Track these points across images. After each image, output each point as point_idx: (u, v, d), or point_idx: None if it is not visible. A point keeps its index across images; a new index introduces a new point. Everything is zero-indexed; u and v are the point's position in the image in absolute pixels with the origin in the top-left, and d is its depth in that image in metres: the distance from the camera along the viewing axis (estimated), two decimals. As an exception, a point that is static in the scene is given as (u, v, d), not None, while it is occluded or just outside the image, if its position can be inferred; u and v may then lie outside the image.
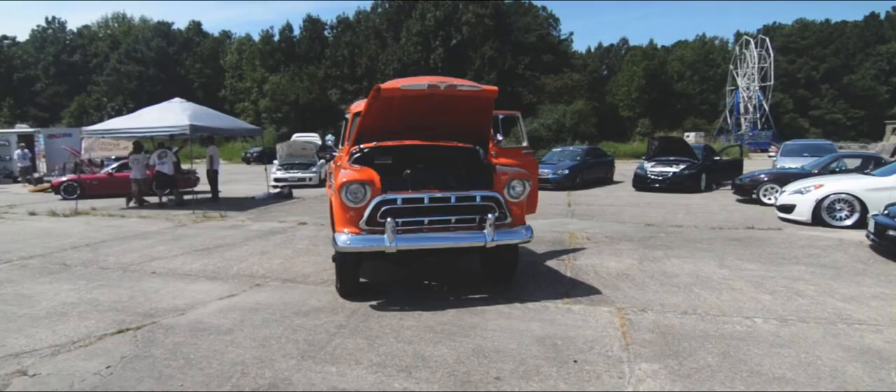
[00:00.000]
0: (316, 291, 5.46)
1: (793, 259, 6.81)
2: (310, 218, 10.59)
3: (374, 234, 4.76)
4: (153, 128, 11.66)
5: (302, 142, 18.81)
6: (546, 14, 65.00)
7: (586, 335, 4.21)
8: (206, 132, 12.62)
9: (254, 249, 7.59)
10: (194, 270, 6.41)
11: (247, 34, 60.02)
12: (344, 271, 5.03)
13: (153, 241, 8.27)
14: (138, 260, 6.98)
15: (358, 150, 5.64)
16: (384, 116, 5.27)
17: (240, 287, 5.65)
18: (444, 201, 4.88)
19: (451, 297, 5.26)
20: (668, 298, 5.16)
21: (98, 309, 4.95)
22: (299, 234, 8.84)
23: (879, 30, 71.48)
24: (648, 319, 4.57)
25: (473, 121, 5.51)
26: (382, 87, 4.59)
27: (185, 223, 10.09)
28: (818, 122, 67.09)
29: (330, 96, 47.31)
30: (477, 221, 4.99)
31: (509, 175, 5.09)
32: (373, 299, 5.12)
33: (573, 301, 5.09)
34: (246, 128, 14.28)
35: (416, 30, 46.85)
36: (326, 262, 6.69)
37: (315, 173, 17.64)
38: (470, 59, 46.44)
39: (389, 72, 45.13)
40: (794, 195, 9.69)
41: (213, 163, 13.66)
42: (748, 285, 5.60)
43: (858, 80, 66.62)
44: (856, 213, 8.95)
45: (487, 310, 4.82)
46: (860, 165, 12.31)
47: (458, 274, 6.18)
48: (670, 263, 6.59)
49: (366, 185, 4.69)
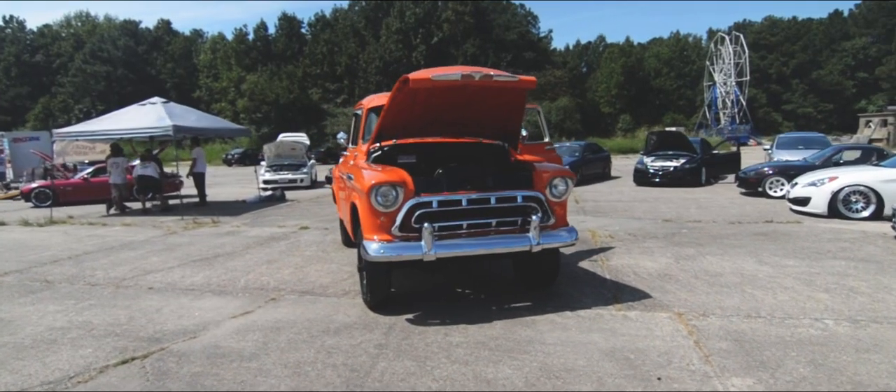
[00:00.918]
0: (340, 304, 4.94)
1: (827, 253, 6.54)
2: (311, 222, 10.01)
3: (408, 241, 4.27)
4: (133, 129, 10.89)
5: (290, 142, 18.11)
6: (524, 11, 65.12)
7: (656, 346, 3.80)
8: (191, 133, 11.89)
9: (258, 258, 7.01)
10: (197, 284, 5.81)
11: (220, 33, 58.50)
12: (374, 282, 4.52)
13: (144, 252, 7.60)
14: (130, 274, 6.34)
15: (377, 148, 5.13)
16: (407, 111, 4.77)
17: (253, 302, 5.09)
18: (483, 203, 4.42)
19: (492, 306, 4.80)
20: (724, 300, 4.80)
21: (93, 334, 4.35)
22: (304, 239, 8.27)
23: (843, 26, 73.44)
24: (714, 325, 4.19)
25: (504, 114, 5.05)
26: (411, 78, 4.10)
27: (175, 230, 9.41)
28: (790, 116, 68.66)
29: (311, 95, 46.31)
30: (519, 224, 4.55)
31: (551, 172, 4.66)
32: (405, 312, 4.63)
33: (625, 306, 4.69)
34: (233, 128, 13.57)
35: (396, 27, 46.24)
36: (342, 271, 6.18)
37: (306, 174, 16.98)
38: (452, 56, 46.01)
39: (371, 70, 44.47)
40: (807, 188, 9.50)
41: (200, 165, 12.92)
42: (798, 283, 5.28)
43: (826, 75, 68.34)
44: (872, 205, 8.78)
45: (537, 320, 4.38)
46: (860, 157, 12.27)
47: (489, 279, 5.72)
48: (707, 261, 6.25)
49: (397, 187, 4.19)
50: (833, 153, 12.35)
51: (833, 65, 68.96)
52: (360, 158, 5.41)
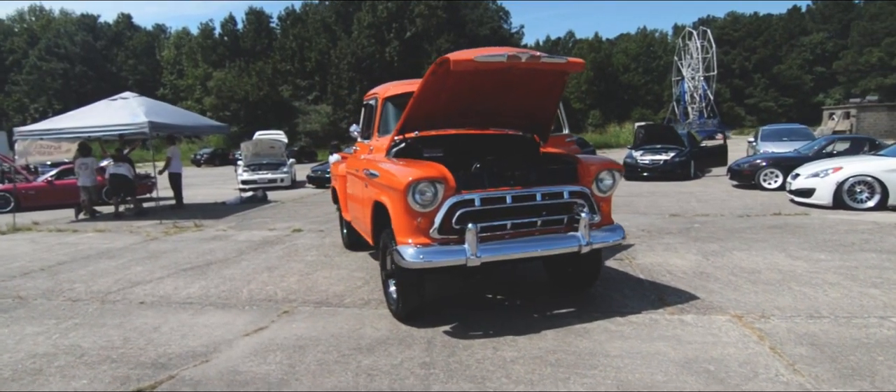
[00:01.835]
0: (364, 316, 4.45)
1: (853, 246, 6.38)
2: (302, 224, 9.41)
3: (447, 245, 3.82)
4: (103, 126, 10.03)
5: (269, 140, 17.31)
6: (496, 7, 64.98)
7: (732, 355, 3.46)
8: (167, 130, 11.09)
9: (256, 265, 6.42)
10: (194, 296, 5.22)
11: (184, 28, 56.30)
12: (407, 291, 4.06)
13: (125, 261, 6.91)
14: (115, 286, 5.68)
15: (400, 140, 4.64)
16: (435, 98, 4.31)
17: (264, 316, 4.55)
18: (528, 199, 4.01)
19: (533, 313, 4.40)
20: (777, 300, 4.52)
21: (85, 361, 3.75)
22: (300, 243, 7.69)
23: (802, 22, 75.92)
24: (780, 328, 3.88)
25: (538, 102, 4.65)
26: (453, 60, 3.65)
27: (155, 236, 8.68)
28: (753, 110, 70.56)
29: (281, 92, 44.97)
30: (565, 222, 4.15)
31: (598, 165, 4.28)
32: (439, 323, 4.19)
33: (676, 309, 4.35)
34: (211, 125, 12.78)
35: (368, 22, 45.25)
36: (354, 278, 5.68)
37: (287, 174, 16.24)
38: (426, 51, 45.32)
39: (343, 66, 43.44)
40: (811, 179, 9.43)
41: (176, 165, 12.10)
42: (842, 278, 5.06)
43: (786, 70, 70.49)
44: (877, 195, 8.76)
45: (589, 328, 4.00)
46: (851, 147, 12.37)
47: (517, 281, 5.31)
48: (737, 257, 6.00)
49: (437, 184, 3.74)
50: (826, 143, 12.42)
51: (792, 60, 71.17)
52: (377, 153, 4.92)
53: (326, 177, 16.17)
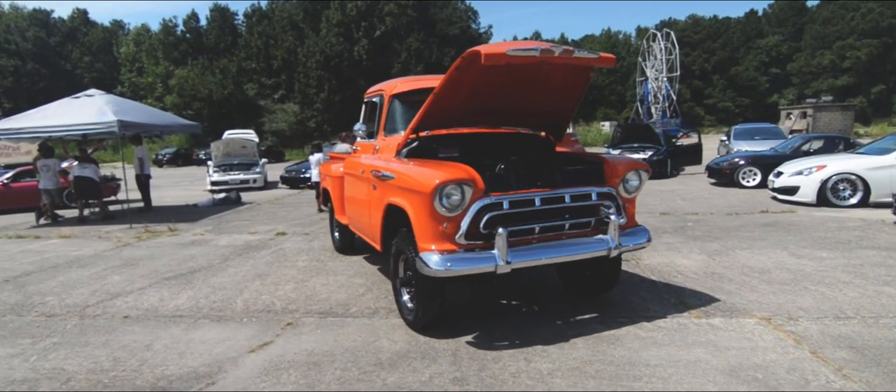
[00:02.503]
0: (376, 327, 4.16)
1: (849, 244, 6.45)
2: (285, 227, 8.98)
3: (472, 251, 3.58)
4: (68, 125, 9.34)
5: (241, 139, 16.64)
6: (465, 6, 65.02)
7: (776, 361, 3.34)
8: (137, 129, 10.43)
9: (245, 272, 6.02)
10: (184, 308, 4.81)
11: (144, 25, 53.95)
12: (429, 301, 3.79)
13: (99, 270, 6.38)
14: (93, 299, 5.20)
15: (413, 139, 4.37)
16: (454, 94, 4.06)
17: (266, 330, 4.20)
18: (556, 201, 3.80)
19: (556, 320, 4.20)
20: (797, 300, 4.45)
21: (73, 387, 3.35)
22: (288, 248, 7.30)
23: (758, 25, 78.77)
24: (812, 330, 3.80)
25: (560, 100, 4.46)
26: (485, 53, 3.40)
27: (127, 242, 8.11)
28: (712, 110, 72.79)
29: (247, 91, 43.68)
30: (591, 224, 3.97)
31: (625, 165, 4.11)
32: (458, 333, 3.94)
33: (701, 313, 4.23)
34: (183, 124, 12.10)
35: (337, 20, 44.41)
36: (354, 284, 5.36)
37: (259, 174, 15.64)
38: (396, 50, 44.86)
39: (311, 64, 42.49)
40: (794, 177, 9.59)
41: (144, 166, 11.43)
42: (853, 277, 5.06)
43: (743, 71, 73.00)
44: (859, 192, 8.96)
45: (619, 335, 3.82)
46: (824, 146, 12.72)
47: (529, 286, 5.10)
48: (742, 256, 5.97)
49: (464, 186, 3.48)
50: (802, 142, 12.73)
51: (749, 61, 73.74)
52: (385, 153, 4.64)
53: (302, 177, 15.69)
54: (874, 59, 60.62)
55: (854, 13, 63.47)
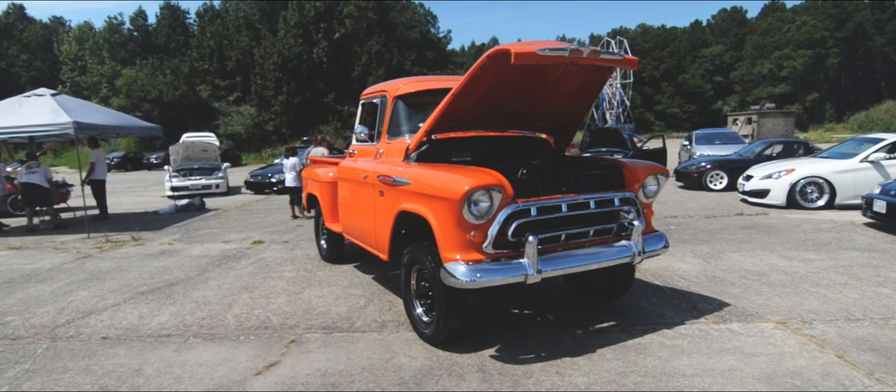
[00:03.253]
0: (388, 342, 3.91)
1: (830, 245, 6.66)
2: (260, 234, 8.53)
3: (500, 260, 3.40)
4: (17, 127, 8.54)
5: (201, 142, 15.82)
6: (424, 11, 64.99)
7: (806, 366, 3.32)
8: (94, 131, 9.69)
9: (228, 285, 5.62)
10: (168, 326, 4.40)
11: (87, 22, 50.97)
12: (450, 313, 3.58)
13: (62, 285, 5.82)
14: (62, 318, 4.70)
15: (425, 142, 4.15)
16: (470, 96, 3.88)
17: (269, 348, 3.88)
18: (582, 207, 3.68)
19: (575, 329, 4.07)
20: (803, 303, 4.51)
21: (57, 419, 2.95)
22: (269, 257, 6.90)
23: (703, 35, 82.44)
24: (830, 334, 3.83)
25: (574, 103, 4.37)
26: (516, 52, 3.24)
27: (87, 253, 7.48)
28: (661, 116, 75.56)
29: (200, 92, 41.97)
30: (613, 230, 3.87)
31: (645, 169, 4.04)
32: (478, 346, 3.76)
33: (717, 318, 4.20)
34: (142, 126, 11.32)
35: (295, 21, 43.35)
36: (350, 295, 5.09)
37: (222, 179, 14.92)
38: (356, 53, 44.20)
39: (269, 66, 41.26)
40: (765, 180, 9.91)
41: (100, 171, 10.66)
42: (847, 278, 5.19)
43: (690, 79, 76.18)
44: (826, 195, 9.34)
45: (644, 344, 3.73)
46: (783, 150, 13.26)
47: (537, 294, 4.96)
48: (735, 259, 6.05)
49: (493, 192, 3.31)
50: (765, 147, 13.22)
51: (695, 69, 77.01)
52: (391, 157, 4.40)
53: (267, 182, 15.10)
54: (809, 68, 64.44)
55: (790, 25, 67.37)
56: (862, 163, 9.21)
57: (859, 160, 9.25)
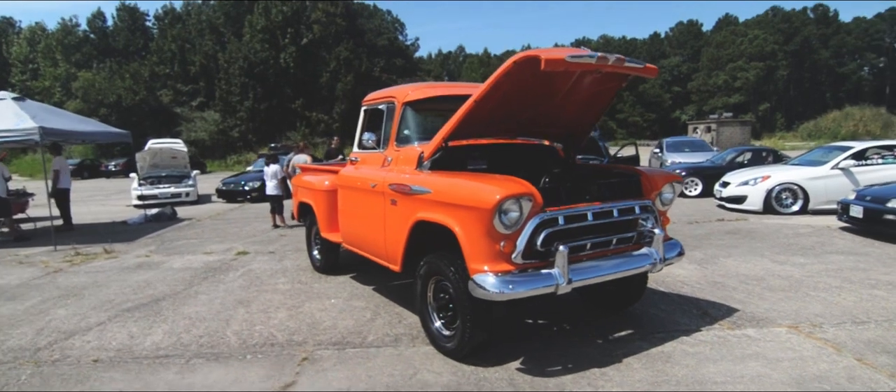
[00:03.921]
0: (408, 358, 3.77)
1: (813, 249, 6.88)
2: (242, 245, 8.19)
3: (527, 271, 3.32)
4: (-26, 133, 7.97)
5: (170, 149, 15.18)
6: (392, 18, 64.92)
7: (831, 370, 3.36)
8: (60, 137, 9.14)
9: (221, 299, 5.34)
10: (164, 346, 4.12)
11: (38, 23, 48.49)
12: (477, 326, 3.47)
13: (36, 302, 5.40)
14: (43, 339, 4.35)
15: (442, 149, 4.03)
16: (488, 101, 3.80)
17: (281, 367, 3.67)
18: (606, 216, 3.64)
19: (596, 338, 4.03)
20: (807, 307, 4.60)
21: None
22: (257, 269, 6.62)
23: (661, 46, 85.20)
24: (843, 337, 3.90)
25: (586, 111, 4.36)
26: (546, 57, 3.19)
27: (57, 267, 7.01)
28: (623, 124, 77.48)
29: (160, 97, 40.52)
30: (633, 238, 3.85)
31: (662, 177, 4.04)
32: (500, 359, 3.65)
33: (730, 324, 4.23)
34: (110, 132, 10.71)
35: (262, 26, 42.46)
36: (354, 307, 4.91)
37: (192, 187, 14.35)
38: (324, 59, 43.60)
39: (234, 70, 40.22)
40: (741, 187, 10.20)
41: (64, 180, 10.07)
42: (840, 281, 5.34)
43: (650, 89, 78.45)
44: (800, 200, 9.68)
45: (667, 352, 3.71)
46: (752, 158, 13.71)
47: (546, 304, 4.90)
48: (729, 264, 6.16)
49: (523, 201, 3.23)
50: (737, 154, 13.64)
51: (654, 80, 79.47)
52: (402, 165, 4.26)
53: (241, 190, 14.63)
54: (761, 80, 67.40)
55: (743, 38, 70.36)
56: (833, 170, 9.59)
57: (830, 167, 9.63)
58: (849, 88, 69.61)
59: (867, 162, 9.61)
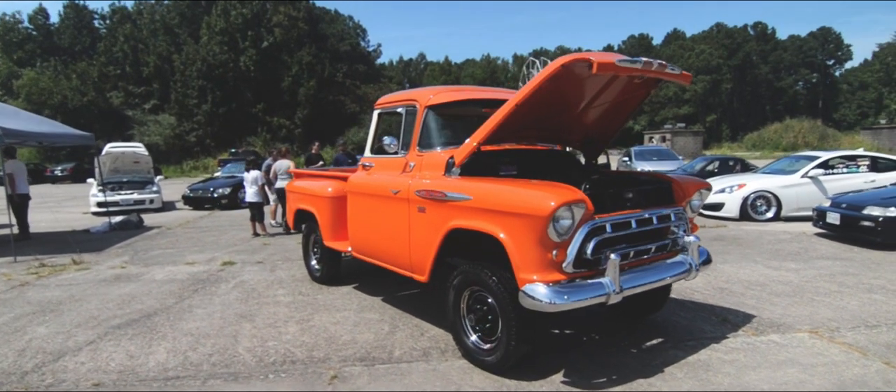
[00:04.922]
0: (443, 373, 3.60)
1: (800, 254, 7.13)
2: (225, 254, 7.78)
3: (575, 280, 3.24)
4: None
5: (131, 153, 14.35)
6: (354, 24, 64.34)
7: (865, 375, 3.43)
8: (22, 139, 8.44)
9: (220, 313, 5.00)
10: (172, 367, 3.80)
11: (-25, 18, 45.22)
12: (520, 338, 3.35)
13: (8, 319, 4.90)
14: (29, 361, 3.93)
15: (473, 154, 3.89)
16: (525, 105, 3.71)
17: (310, 386, 3.44)
18: (646, 223, 3.61)
19: (630, 347, 3.98)
20: (818, 311, 4.73)
21: None
22: (249, 280, 6.27)
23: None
24: (863, 342, 4.01)
25: (612, 117, 4.34)
26: (599, 61, 3.13)
27: (24, 280, 6.43)
28: (581, 133, 79.36)
29: (111, 99, 38.54)
30: (668, 246, 3.84)
31: (694, 184, 4.06)
32: (540, 372, 3.55)
33: (753, 330, 4.29)
34: (74, 134, 9.95)
35: (220, 28, 41.10)
36: (368, 320, 4.71)
37: (157, 193, 13.61)
38: (285, 63, 42.61)
39: (191, 73, 38.76)
40: (719, 194, 10.51)
41: (21, 185, 9.32)
42: (837, 286, 5.54)
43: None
44: (773, 208, 10.07)
45: (703, 360, 3.71)
46: (720, 167, 14.23)
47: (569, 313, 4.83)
48: (727, 270, 6.30)
49: (574, 208, 3.14)
50: (707, 163, 14.11)
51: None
52: (427, 170, 4.10)
53: (209, 197, 14.01)
54: (708, 92, 70.55)
55: (690, 52, 73.55)
56: (803, 178, 10.03)
57: (800, 176, 10.07)
58: (786, 101, 73.80)
59: (833, 171, 10.11)
